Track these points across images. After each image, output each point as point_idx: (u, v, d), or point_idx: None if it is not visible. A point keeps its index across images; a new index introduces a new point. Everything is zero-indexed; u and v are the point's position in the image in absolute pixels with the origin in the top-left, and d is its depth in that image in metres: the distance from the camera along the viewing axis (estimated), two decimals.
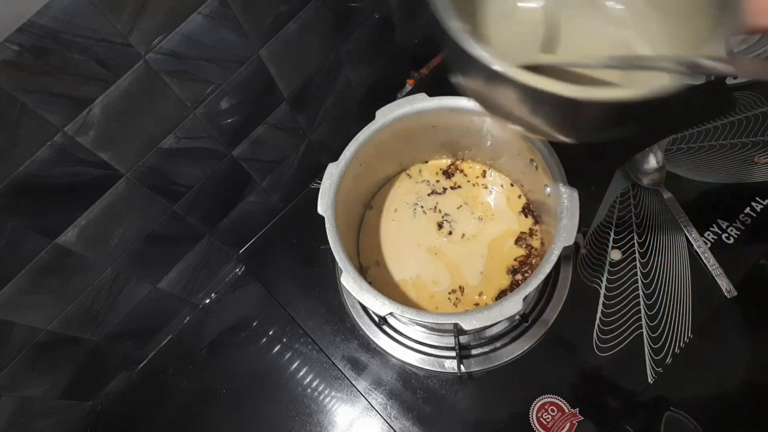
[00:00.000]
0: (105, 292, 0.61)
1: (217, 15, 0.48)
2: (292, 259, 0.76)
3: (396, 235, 0.70)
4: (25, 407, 0.62)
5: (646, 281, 0.67)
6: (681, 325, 0.64)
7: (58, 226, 0.50)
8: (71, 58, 0.40)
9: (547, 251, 0.52)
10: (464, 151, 0.70)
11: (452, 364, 0.66)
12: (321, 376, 0.70)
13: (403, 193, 0.72)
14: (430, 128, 0.64)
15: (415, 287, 0.67)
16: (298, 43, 0.60)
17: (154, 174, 0.55)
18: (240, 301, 0.76)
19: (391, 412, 0.66)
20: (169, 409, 0.72)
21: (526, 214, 0.68)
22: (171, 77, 0.49)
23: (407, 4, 0.73)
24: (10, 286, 0.50)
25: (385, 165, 0.70)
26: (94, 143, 0.47)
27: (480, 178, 0.71)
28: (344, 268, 0.53)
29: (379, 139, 0.61)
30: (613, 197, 0.72)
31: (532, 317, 0.66)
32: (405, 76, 0.87)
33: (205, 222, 0.68)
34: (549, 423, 0.62)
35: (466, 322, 0.49)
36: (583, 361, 0.64)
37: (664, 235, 0.69)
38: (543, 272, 0.51)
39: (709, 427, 0.60)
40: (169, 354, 0.75)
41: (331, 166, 0.58)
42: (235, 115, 0.59)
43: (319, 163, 0.80)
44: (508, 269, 0.66)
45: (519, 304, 0.49)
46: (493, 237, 0.68)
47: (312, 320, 0.72)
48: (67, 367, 0.64)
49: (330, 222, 0.55)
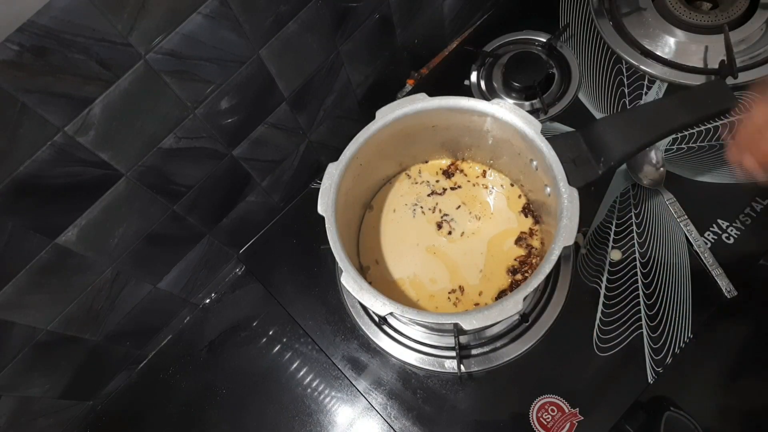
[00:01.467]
0: (105, 292, 0.61)
1: (217, 15, 0.48)
2: (292, 259, 0.76)
3: (396, 235, 0.70)
4: (25, 407, 0.62)
5: (646, 281, 0.67)
6: (681, 325, 0.64)
7: (58, 226, 0.50)
8: (71, 58, 0.41)
9: (548, 251, 0.52)
10: (464, 151, 0.70)
11: (452, 364, 0.66)
12: (321, 376, 0.70)
13: (402, 194, 0.72)
14: (431, 128, 0.64)
15: (415, 287, 0.67)
16: (298, 43, 0.60)
17: (154, 174, 0.55)
18: (240, 301, 0.76)
19: (391, 412, 0.66)
20: (169, 409, 0.72)
21: (526, 214, 0.68)
22: (171, 77, 0.49)
23: (407, 4, 0.73)
24: (10, 286, 0.50)
25: (385, 165, 0.70)
26: (94, 143, 0.47)
27: (480, 178, 0.71)
28: (344, 267, 0.53)
29: (379, 139, 0.61)
30: (613, 197, 0.72)
31: (532, 317, 0.66)
32: (405, 76, 0.87)
33: (205, 222, 0.68)
34: (549, 423, 0.62)
35: (466, 322, 0.49)
36: (583, 361, 0.64)
37: (664, 235, 0.69)
38: (543, 272, 0.51)
39: (709, 427, 0.60)
40: (169, 354, 0.75)
41: (331, 166, 0.58)
42: (235, 115, 0.59)
43: (319, 163, 0.80)
44: (508, 269, 0.66)
45: (519, 304, 0.49)
46: (493, 237, 0.68)
47: (312, 320, 0.72)
48: (67, 367, 0.64)
49: (330, 222, 0.55)
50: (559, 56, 0.80)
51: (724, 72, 0.71)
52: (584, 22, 0.82)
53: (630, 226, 0.70)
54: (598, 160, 0.55)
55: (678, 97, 0.55)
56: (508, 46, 0.83)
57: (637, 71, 0.77)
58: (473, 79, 0.81)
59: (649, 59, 0.76)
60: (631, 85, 0.77)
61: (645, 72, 0.76)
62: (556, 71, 0.79)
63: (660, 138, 0.55)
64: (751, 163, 0.51)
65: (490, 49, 0.83)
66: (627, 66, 0.78)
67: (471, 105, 0.59)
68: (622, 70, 0.78)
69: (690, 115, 0.54)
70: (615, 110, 0.76)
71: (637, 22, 0.79)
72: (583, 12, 0.83)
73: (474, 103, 0.59)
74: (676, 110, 0.54)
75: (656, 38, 0.77)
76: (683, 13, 0.77)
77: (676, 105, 0.55)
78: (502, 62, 0.80)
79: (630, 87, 0.77)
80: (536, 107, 0.77)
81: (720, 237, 0.68)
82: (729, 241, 0.67)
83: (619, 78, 0.78)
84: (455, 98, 0.59)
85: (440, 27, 0.85)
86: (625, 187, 0.72)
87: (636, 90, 0.76)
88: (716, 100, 0.54)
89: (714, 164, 0.71)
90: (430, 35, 0.84)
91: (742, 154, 0.52)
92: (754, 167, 0.51)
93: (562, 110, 0.77)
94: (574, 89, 0.78)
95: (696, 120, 0.55)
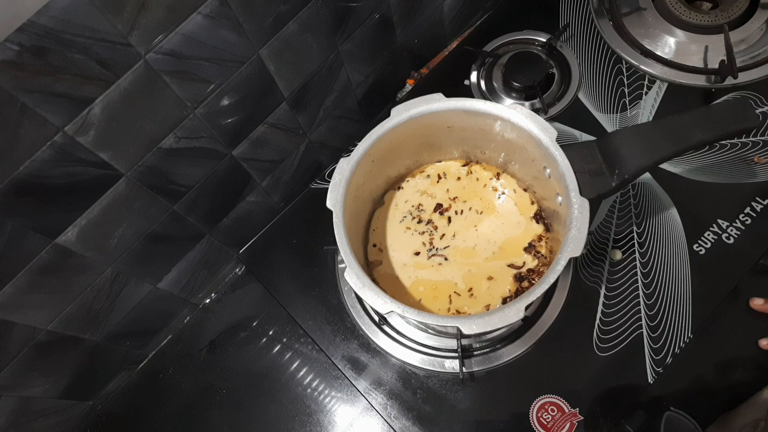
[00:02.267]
0: (105, 292, 0.61)
1: (217, 15, 0.48)
2: (292, 259, 0.76)
3: (403, 234, 0.69)
4: (25, 407, 0.62)
5: (646, 281, 0.67)
6: (681, 325, 0.64)
7: (58, 226, 0.50)
8: (71, 58, 0.40)
9: (553, 261, 0.51)
10: (478, 153, 0.69)
11: (452, 363, 0.66)
12: (321, 376, 0.70)
13: (413, 193, 0.71)
14: (445, 129, 0.63)
15: (419, 288, 0.67)
16: (298, 43, 0.60)
17: (154, 174, 0.55)
18: (240, 301, 0.76)
19: (391, 412, 0.66)
20: (169, 409, 0.72)
21: (538, 220, 0.67)
22: (171, 77, 0.49)
23: (407, 4, 0.73)
24: (10, 286, 0.50)
25: (398, 163, 0.69)
26: (94, 143, 0.47)
27: (492, 181, 0.70)
28: (348, 263, 0.53)
29: (393, 137, 0.60)
30: (614, 197, 0.72)
31: (533, 317, 0.66)
32: (405, 76, 0.87)
33: (205, 222, 0.68)
34: (549, 423, 0.62)
35: (467, 326, 0.49)
36: (583, 361, 0.64)
37: (664, 235, 0.69)
38: (547, 282, 0.50)
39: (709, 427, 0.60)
40: (169, 354, 0.75)
41: (343, 160, 0.58)
42: (235, 115, 0.59)
43: (319, 163, 0.80)
44: (516, 275, 0.65)
45: (521, 312, 0.49)
46: (503, 242, 0.67)
47: (312, 320, 0.72)
48: (67, 367, 0.64)
49: (338, 217, 0.55)
50: (559, 56, 0.80)
51: (724, 72, 0.71)
52: (584, 22, 0.82)
53: (630, 226, 0.70)
54: (612, 173, 0.54)
55: (699, 113, 0.53)
56: (508, 46, 0.83)
57: (637, 71, 0.77)
58: (473, 79, 0.81)
59: (649, 59, 0.76)
60: (631, 85, 0.77)
61: (645, 72, 0.76)
62: (556, 71, 0.79)
63: (678, 154, 0.54)
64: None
65: (490, 49, 0.83)
66: (627, 66, 0.78)
67: (487, 108, 0.58)
68: (622, 70, 0.78)
69: (710, 133, 0.52)
70: (615, 110, 0.76)
71: (637, 22, 0.79)
72: (583, 12, 0.83)
73: (491, 106, 0.58)
74: (696, 127, 0.53)
75: (656, 38, 0.77)
76: (683, 13, 0.77)
77: (697, 121, 0.53)
78: (502, 62, 0.80)
79: (630, 87, 0.77)
80: (536, 107, 0.77)
81: (720, 237, 0.68)
82: (729, 241, 0.67)
83: (619, 78, 0.78)
84: (472, 100, 0.58)
85: (440, 27, 0.85)
86: (626, 187, 0.72)
87: (636, 90, 0.76)
88: (738, 118, 0.52)
89: (714, 164, 0.71)
90: (430, 35, 0.84)
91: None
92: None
93: (562, 110, 0.77)
94: (574, 89, 0.78)
95: (716, 138, 0.53)
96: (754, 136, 0.72)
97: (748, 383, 0.60)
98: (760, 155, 0.71)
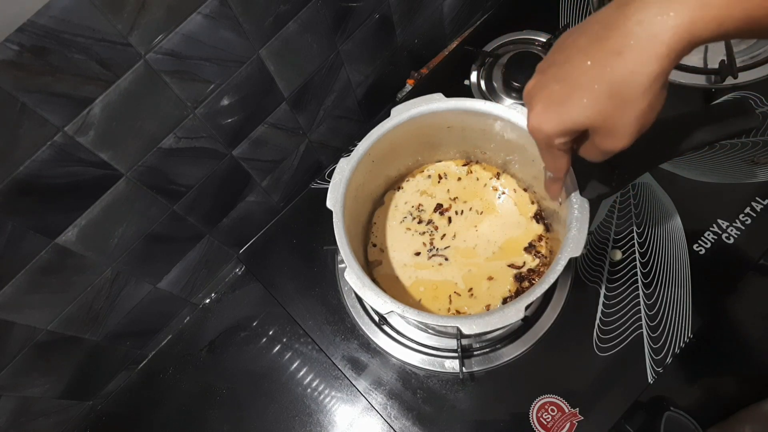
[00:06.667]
0: (105, 292, 0.61)
1: (217, 15, 0.48)
2: (292, 259, 0.76)
3: (404, 234, 0.69)
4: (25, 407, 0.62)
5: (646, 281, 0.67)
6: (681, 325, 0.64)
7: (58, 226, 0.50)
8: (71, 58, 0.40)
9: (553, 261, 0.51)
10: (478, 153, 0.69)
11: (452, 364, 0.66)
12: (321, 376, 0.70)
13: (413, 193, 0.71)
14: (445, 129, 0.63)
15: (419, 288, 0.67)
16: (298, 43, 0.60)
17: (154, 174, 0.55)
18: (240, 301, 0.76)
19: (391, 412, 0.66)
20: (169, 409, 0.72)
21: (538, 220, 0.67)
22: (171, 77, 0.49)
23: (407, 4, 0.73)
24: (10, 286, 0.50)
25: (398, 163, 0.69)
26: (94, 143, 0.47)
27: (492, 181, 0.70)
28: (348, 263, 0.53)
29: (393, 137, 0.60)
30: (613, 197, 0.72)
31: (533, 317, 0.66)
32: (405, 76, 0.87)
33: (205, 222, 0.68)
34: (549, 423, 0.62)
35: (467, 326, 0.49)
36: (583, 361, 0.64)
37: (664, 235, 0.69)
38: (547, 282, 0.50)
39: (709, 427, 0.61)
40: (169, 354, 0.75)
41: (343, 160, 0.58)
42: (235, 115, 0.59)
43: (319, 163, 0.80)
44: (516, 275, 0.65)
45: (521, 312, 0.49)
46: (503, 242, 0.67)
47: (312, 320, 0.72)
48: (67, 367, 0.64)
49: (338, 217, 0.55)
50: None
51: (724, 72, 0.71)
52: None
53: (630, 226, 0.70)
54: (613, 173, 0.54)
55: (699, 114, 0.53)
56: (508, 46, 0.83)
57: None
58: (473, 79, 0.81)
59: None
60: None
61: None
62: None
63: (678, 155, 0.54)
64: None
65: (490, 49, 0.83)
66: None
67: (488, 108, 0.58)
68: None
69: (711, 134, 0.52)
70: None
71: None
72: (583, 12, 0.83)
73: (491, 106, 0.58)
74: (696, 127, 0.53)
75: None
76: None
77: (697, 121, 0.53)
78: (502, 62, 0.80)
79: None
80: None
81: (720, 237, 0.68)
82: (729, 241, 0.67)
83: None
84: (472, 100, 0.58)
85: (440, 27, 0.85)
86: (626, 187, 0.72)
87: None
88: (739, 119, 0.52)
89: (714, 164, 0.71)
90: (430, 35, 0.84)
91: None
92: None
93: None
94: None
95: (716, 138, 0.53)
96: (754, 136, 0.72)
97: (748, 383, 0.60)
98: (760, 155, 0.71)
